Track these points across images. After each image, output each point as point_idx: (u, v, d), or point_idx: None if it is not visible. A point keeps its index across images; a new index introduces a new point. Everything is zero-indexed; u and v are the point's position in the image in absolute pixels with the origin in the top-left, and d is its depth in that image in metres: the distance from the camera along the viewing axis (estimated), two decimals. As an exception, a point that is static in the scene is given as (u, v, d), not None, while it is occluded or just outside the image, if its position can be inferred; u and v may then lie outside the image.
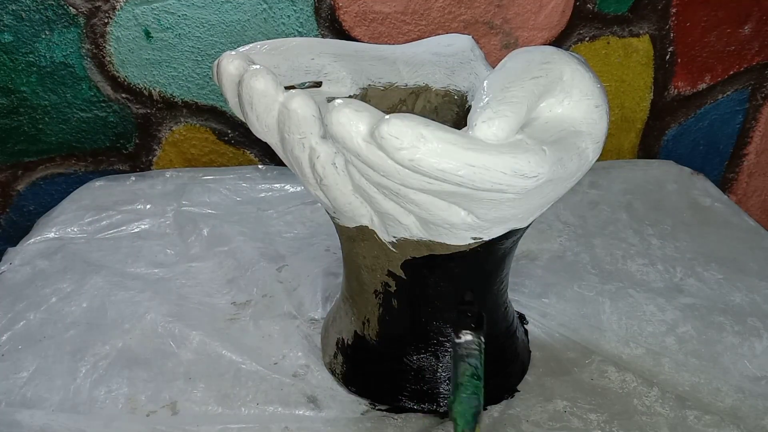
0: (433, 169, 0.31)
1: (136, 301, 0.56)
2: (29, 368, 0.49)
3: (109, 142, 0.75)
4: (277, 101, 0.35)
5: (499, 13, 0.74)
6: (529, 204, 0.37)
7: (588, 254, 0.63)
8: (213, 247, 0.63)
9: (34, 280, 0.58)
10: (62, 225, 0.65)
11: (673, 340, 0.53)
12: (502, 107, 0.32)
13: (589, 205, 0.72)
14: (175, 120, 0.75)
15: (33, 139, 0.73)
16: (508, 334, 0.49)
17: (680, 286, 0.59)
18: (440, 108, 0.47)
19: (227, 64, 0.37)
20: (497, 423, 0.45)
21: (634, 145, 0.87)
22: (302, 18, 0.72)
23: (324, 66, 0.44)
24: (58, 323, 0.53)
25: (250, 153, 0.79)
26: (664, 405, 0.47)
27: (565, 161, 0.34)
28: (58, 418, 0.45)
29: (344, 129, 0.31)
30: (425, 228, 0.38)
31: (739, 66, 0.84)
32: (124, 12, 0.69)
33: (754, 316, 0.56)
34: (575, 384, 0.49)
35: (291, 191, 0.72)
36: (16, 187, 0.76)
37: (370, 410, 0.46)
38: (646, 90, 0.83)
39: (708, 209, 0.72)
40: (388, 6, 0.72)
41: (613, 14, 0.77)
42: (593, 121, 0.36)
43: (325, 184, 0.36)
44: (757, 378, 0.50)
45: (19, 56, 0.69)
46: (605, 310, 0.56)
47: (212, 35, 0.71)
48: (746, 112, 0.88)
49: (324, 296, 0.57)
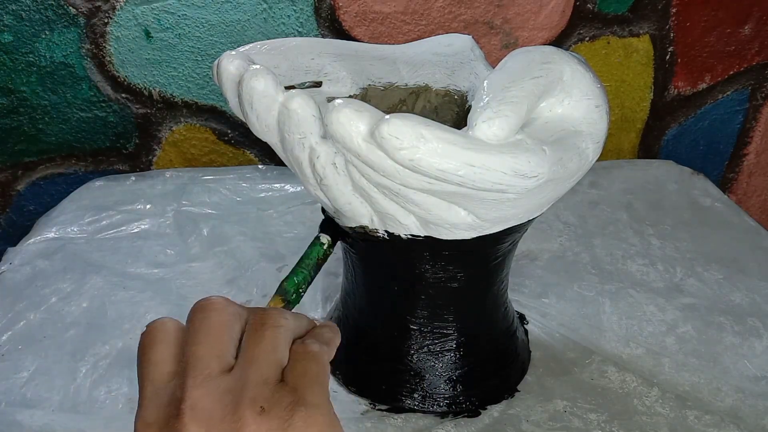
0: (433, 169, 0.31)
1: (136, 301, 0.56)
2: (29, 368, 0.49)
3: (109, 142, 0.75)
4: (277, 101, 0.35)
5: (499, 13, 0.74)
6: (529, 204, 0.37)
7: (588, 254, 0.63)
8: (213, 247, 0.63)
9: (34, 280, 0.58)
10: (62, 225, 0.65)
11: (673, 340, 0.53)
12: (503, 107, 0.32)
13: (589, 205, 0.72)
14: (175, 120, 0.75)
15: (33, 139, 0.73)
16: (508, 334, 0.49)
17: (680, 286, 0.59)
18: (440, 108, 0.47)
19: (227, 63, 0.37)
20: (497, 423, 0.45)
21: (634, 145, 0.87)
22: (302, 18, 0.72)
23: (324, 66, 0.44)
24: (58, 323, 0.53)
25: (250, 153, 0.79)
26: (664, 405, 0.47)
27: (565, 161, 0.34)
28: (58, 418, 0.45)
29: (344, 129, 0.31)
30: (425, 228, 0.38)
31: (739, 66, 0.84)
32: (124, 12, 0.69)
33: (754, 316, 0.56)
34: (575, 384, 0.49)
35: (291, 191, 0.72)
36: (16, 187, 0.76)
37: (370, 410, 0.46)
38: (646, 90, 0.83)
39: (708, 209, 0.72)
40: (388, 6, 0.72)
41: (613, 14, 0.77)
42: (593, 121, 0.36)
43: (325, 184, 0.36)
44: (757, 378, 0.50)
45: (19, 56, 0.69)
46: (605, 310, 0.56)
47: (212, 35, 0.71)
48: (746, 112, 0.88)
49: (324, 296, 0.57)
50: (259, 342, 0.26)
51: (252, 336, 0.27)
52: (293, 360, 0.27)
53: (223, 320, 0.27)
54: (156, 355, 0.26)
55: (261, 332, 0.27)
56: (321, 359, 0.27)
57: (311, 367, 0.26)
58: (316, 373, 0.26)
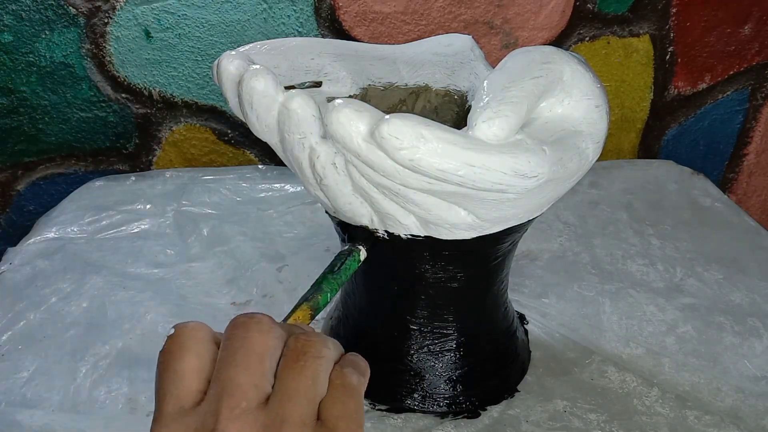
0: (433, 169, 0.31)
1: (136, 301, 0.56)
2: (29, 368, 0.49)
3: (109, 142, 0.75)
4: (277, 101, 0.35)
5: (499, 13, 0.74)
6: (529, 204, 0.37)
7: (588, 254, 0.63)
8: (213, 247, 0.63)
9: (34, 280, 0.58)
10: (62, 225, 0.65)
11: (673, 340, 0.53)
12: (502, 107, 0.32)
13: (589, 205, 0.72)
14: (175, 120, 0.75)
15: (33, 139, 0.73)
16: (508, 334, 0.49)
17: (680, 286, 0.59)
18: (440, 108, 0.47)
19: (227, 63, 0.37)
20: (497, 423, 0.45)
21: (634, 145, 0.87)
22: (302, 18, 0.72)
23: (324, 66, 0.44)
24: (58, 323, 0.53)
25: (250, 153, 0.79)
26: (664, 405, 0.47)
27: (565, 161, 0.34)
28: (58, 418, 0.45)
29: (344, 129, 0.31)
30: (425, 228, 0.38)
31: (739, 66, 0.84)
32: (124, 12, 0.69)
33: (754, 316, 0.56)
34: (575, 384, 0.49)
35: (291, 191, 0.72)
36: (16, 187, 0.76)
37: (369, 410, 0.46)
38: (646, 90, 0.83)
39: (708, 209, 0.72)
40: (388, 6, 0.72)
41: (613, 14, 0.77)
42: (593, 121, 0.36)
43: (325, 184, 0.36)
44: (757, 378, 0.50)
45: (19, 56, 0.69)
46: (605, 310, 0.56)
47: (212, 35, 0.71)
48: (746, 112, 0.88)
49: (324, 296, 0.57)
50: (300, 375, 0.25)
51: (292, 366, 0.25)
52: (332, 395, 0.25)
53: (266, 344, 0.25)
54: (184, 365, 0.24)
55: (302, 363, 0.25)
56: (359, 393, 0.26)
57: (350, 405, 0.25)
58: (354, 411, 0.25)
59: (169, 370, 0.24)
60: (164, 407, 0.24)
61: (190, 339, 0.25)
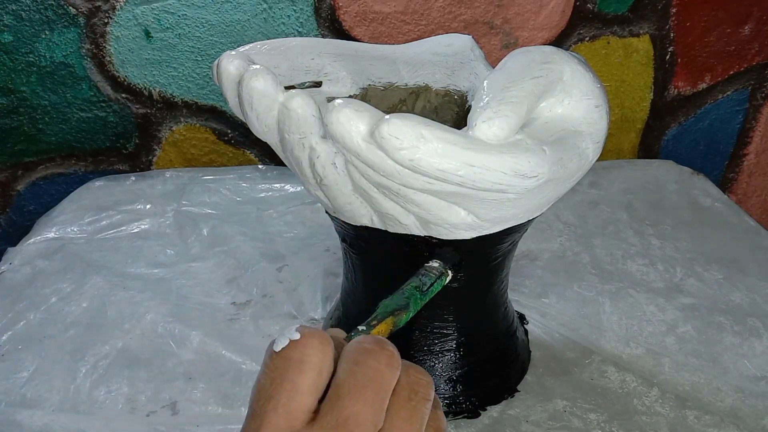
0: (433, 169, 0.31)
1: (136, 301, 0.56)
2: (29, 368, 0.49)
3: (109, 142, 0.75)
4: (277, 101, 0.35)
5: (499, 13, 0.74)
6: (529, 204, 0.37)
7: (588, 254, 0.63)
8: (213, 247, 0.63)
9: (34, 280, 0.58)
10: (62, 225, 0.65)
11: (673, 340, 0.53)
12: (502, 107, 0.32)
13: (589, 205, 0.72)
14: (175, 120, 0.75)
15: (33, 139, 0.73)
16: (508, 334, 0.49)
17: (680, 286, 0.59)
18: (440, 108, 0.47)
19: (227, 64, 0.37)
20: (497, 423, 0.45)
21: (634, 145, 0.87)
22: (302, 18, 0.72)
23: (324, 66, 0.44)
24: (58, 323, 0.53)
25: (250, 153, 0.79)
26: (664, 405, 0.47)
27: (565, 161, 0.34)
28: (58, 418, 0.45)
29: (344, 129, 0.31)
30: (425, 228, 0.38)
31: (739, 66, 0.84)
32: (124, 12, 0.69)
33: (754, 316, 0.56)
34: (575, 384, 0.49)
35: (291, 191, 0.72)
36: (16, 187, 0.76)
37: (370, 410, 0.46)
38: (646, 90, 0.83)
39: (708, 209, 0.72)
40: (388, 6, 0.72)
41: (613, 14, 0.77)
42: (593, 121, 0.36)
43: (325, 184, 0.36)
44: (757, 378, 0.50)
45: (19, 56, 0.69)
46: (605, 310, 0.56)
47: (212, 35, 0.71)
48: (746, 112, 0.88)
49: (324, 296, 0.57)
50: (411, 417, 0.24)
51: (404, 406, 0.24)
52: None
53: (392, 382, 0.24)
54: (305, 381, 0.23)
55: (414, 404, 0.24)
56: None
57: None
58: None
59: (288, 380, 0.23)
60: (274, 420, 0.23)
61: (317, 352, 0.24)
